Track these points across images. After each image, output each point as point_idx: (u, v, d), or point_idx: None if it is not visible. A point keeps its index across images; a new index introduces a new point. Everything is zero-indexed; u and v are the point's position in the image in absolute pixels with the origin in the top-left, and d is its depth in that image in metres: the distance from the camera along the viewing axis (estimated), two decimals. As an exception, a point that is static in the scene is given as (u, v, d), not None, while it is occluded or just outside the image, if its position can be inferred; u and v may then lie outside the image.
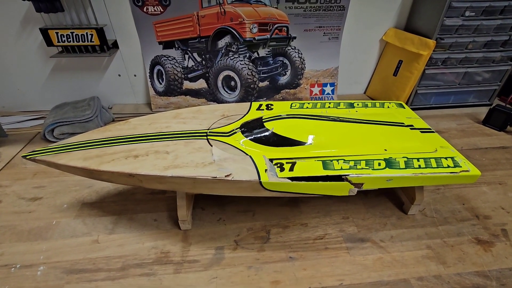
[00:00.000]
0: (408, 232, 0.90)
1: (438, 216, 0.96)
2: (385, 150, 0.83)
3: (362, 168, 0.75)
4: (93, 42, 1.37)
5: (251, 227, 0.92)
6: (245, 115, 1.00)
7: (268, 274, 0.78)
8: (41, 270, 0.80)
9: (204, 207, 0.99)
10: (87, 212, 0.99)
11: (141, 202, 1.03)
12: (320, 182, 0.72)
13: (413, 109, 1.10)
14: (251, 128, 0.89)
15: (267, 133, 0.86)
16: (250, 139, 0.85)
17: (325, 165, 0.76)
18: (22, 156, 0.84)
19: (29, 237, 0.90)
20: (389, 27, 1.59)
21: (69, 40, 1.36)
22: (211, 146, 0.83)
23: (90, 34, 1.35)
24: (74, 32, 1.34)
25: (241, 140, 0.85)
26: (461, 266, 0.80)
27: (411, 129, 0.93)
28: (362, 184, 0.74)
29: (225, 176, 0.71)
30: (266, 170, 0.73)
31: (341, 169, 0.75)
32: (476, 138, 1.35)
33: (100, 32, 1.35)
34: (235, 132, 0.88)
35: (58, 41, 1.36)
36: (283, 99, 1.70)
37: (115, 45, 1.48)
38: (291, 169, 0.74)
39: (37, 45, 1.44)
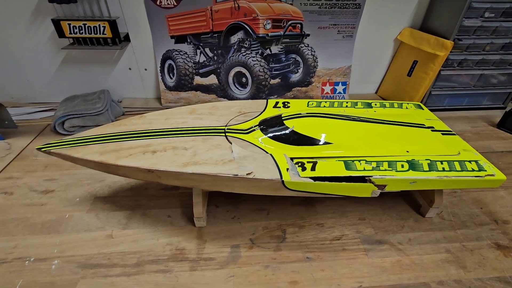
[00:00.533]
0: (426, 235, 0.89)
1: (456, 219, 0.94)
2: (407, 152, 0.81)
3: (385, 170, 0.74)
4: (106, 34, 1.35)
5: (266, 226, 0.91)
6: (262, 112, 0.98)
7: (285, 274, 0.77)
8: (55, 264, 0.79)
9: (218, 205, 0.98)
10: (100, 206, 0.98)
11: (154, 197, 1.02)
12: (343, 183, 0.71)
13: (429, 111, 1.08)
14: (270, 125, 0.87)
15: (287, 131, 0.84)
16: (269, 137, 0.83)
17: (347, 166, 0.74)
18: (37, 148, 0.82)
19: (42, 230, 0.89)
20: (404, 27, 1.56)
21: (81, 32, 1.35)
22: (230, 143, 0.82)
23: (102, 26, 1.33)
24: (86, 24, 1.33)
25: (260, 137, 0.84)
26: (482, 271, 0.79)
27: (432, 131, 0.92)
28: (385, 185, 0.73)
29: (247, 174, 0.70)
30: (287, 169, 0.72)
31: (364, 170, 0.73)
32: (491, 141, 1.34)
33: (113, 24, 1.33)
34: (254, 130, 0.87)
35: (70, 33, 1.34)
36: (294, 97, 1.68)
37: (126, 38, 1.46)
38: (312, 169, 0.73)
39: (48, 36, 1.42)
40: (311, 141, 0.83)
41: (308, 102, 1.06)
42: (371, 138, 0.86)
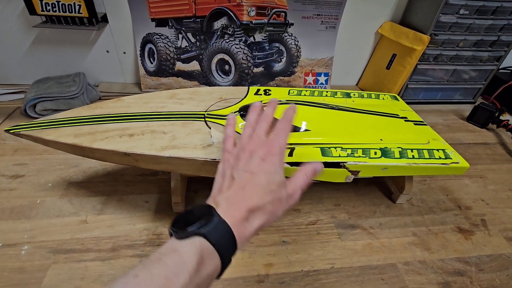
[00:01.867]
0: (396, 220, 0.94)
1: (424, 205, 1.00)
2: (381, 140, 0.84)
3: (359, 156, 0.77)
4: (81, 13, 1.28)
5: (244, 212, 0.93)
6: (243, 99, 0.98)
7: (262, 257, 0.79)
8: (25, 249, 0.77)
9: (197, 191, 0.98)
10: (74, 191, 0.95)
11: (130, 183, 1.00)
12: (318, 168, 0.73)
13: (404, 103, 1.13)
14: (250, 112, 0.87)
15: (266, 118, 0.85)
16: (249, 123, 0.84)
17: (324, 152, 0.76)
18: (5, 130, 0.78)
19: (11, 215, 0.86)
20: (385, 20, 1.60)
21: (54, 9, 1.27)
22: (210, 128, 0.81)
23: (78, 5, 1.26)
24: (60, 1, 1.25)
25: (240, 123, 0.84)
26: (444, 253, 0.84)
27: (405, 121, 0.96)
28: (358, 171, 0.76)
29: (225, 158, 0.70)
30: (265, 154, 0.73)
31: (339, 156, 0.76)
32: (460, 133, 1.41)
33: (89, 3, 1.26)
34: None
35: (42, 10, 1.27)
36: (277, 87, 1.68)
37: (104, 19, 1.40)
38: (290, 155, 0.74)
39: (18, 12, 1.33)
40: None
41: (289, 90, 1.07)
42: (348, 126, 0.88)
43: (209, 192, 0.98)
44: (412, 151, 0.81)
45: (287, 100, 0.93)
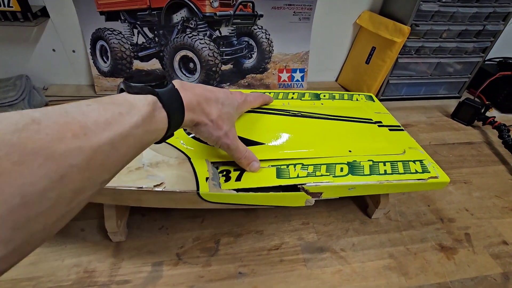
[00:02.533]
0: (370, 239, 0.83)
1: (403, 219, 0.89)
2: (350, 151, 0.73)
3: (321, 175, 0.64)
4: (12, 7, 1.11)
5: (198, 237, 0.80)
6: (193, 105, 0.84)
7: (211, 296, 0.67)
8: None
9: (145, 213, 0.85)
10: (-4, 220, 0.80)
11: (68, 206, 0.86)
12: (271, 193, 0.60)
13: (384, 100, 1.02)
14: (195, 123, 0.74)
15: (214, 130, 0.72)
16: (192, 137, 0.70)
17: (279, 173, 0.64)
18: None
19: None
20: (364, 10, 1.47)
21: (-21, 2, 1.09)
22: (144, 145, 0.68)
23: (6, -3, 1.09)
24: (-16, -7, 1.08)
25: (181, 138, 0.71)
26: (423, 277, 0.74)
27: (379, 126, 0.84)
28: (321, 193, 0.64)
29: (154, 186, 0.57)
30: (207, 179, 0.60)
31: (298, 176, 0.63)
32: (444, 132, 1.31)
33: (20, -6, 1.09)
34: (176, 128, 0.73)
35: (-35, 4, 1.09)
36: (249, 85, 1.55)
37: (44, 13, 1.22)
38: (238, 179, 0.61)
39: None
40: (244, 143, 0.71)
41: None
42: (312, 137, 0.76)
43: (158, 215, 0.86)
44: (384, 165, 0.69)
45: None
